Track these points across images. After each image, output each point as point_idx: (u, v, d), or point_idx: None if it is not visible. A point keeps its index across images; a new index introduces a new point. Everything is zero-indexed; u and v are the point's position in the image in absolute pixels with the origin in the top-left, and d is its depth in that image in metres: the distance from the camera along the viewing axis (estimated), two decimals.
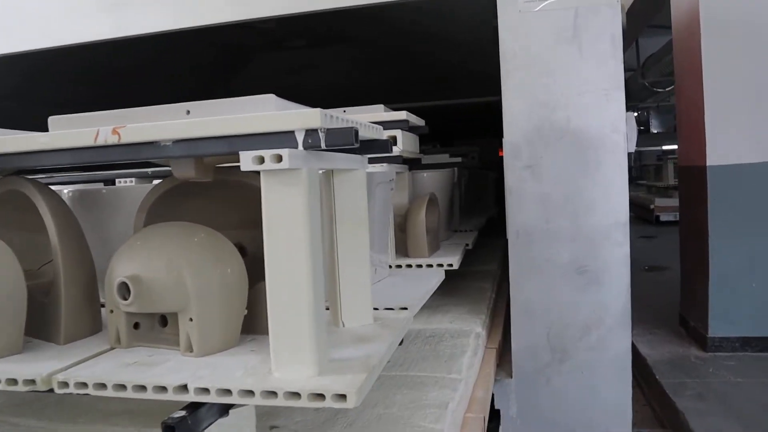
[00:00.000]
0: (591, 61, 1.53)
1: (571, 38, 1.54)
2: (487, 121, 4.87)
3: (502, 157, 1.63)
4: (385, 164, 1.65)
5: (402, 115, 1.71)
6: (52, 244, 1.02)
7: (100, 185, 1.95)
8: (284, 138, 0.80)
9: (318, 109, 0.78)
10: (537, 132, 1.57)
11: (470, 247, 2.16)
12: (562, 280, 1.60)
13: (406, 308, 1.29)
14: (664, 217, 7.93)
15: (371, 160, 1.57)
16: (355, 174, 1.05)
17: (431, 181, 2.08)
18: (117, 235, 1.18)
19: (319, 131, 0.79)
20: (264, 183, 0.80)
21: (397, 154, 1.72)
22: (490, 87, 3.31)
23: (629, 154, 1.57)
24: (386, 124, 1.72)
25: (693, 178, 2.96)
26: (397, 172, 1.84)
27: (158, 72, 2.43)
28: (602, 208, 1.56)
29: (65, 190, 1.39)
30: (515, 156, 1.59)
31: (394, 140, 1.73)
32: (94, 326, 1.08)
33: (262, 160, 0.78)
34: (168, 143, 0.85)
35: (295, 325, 0.81)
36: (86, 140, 0.86)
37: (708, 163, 2.79)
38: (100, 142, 0.86)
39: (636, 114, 13.28)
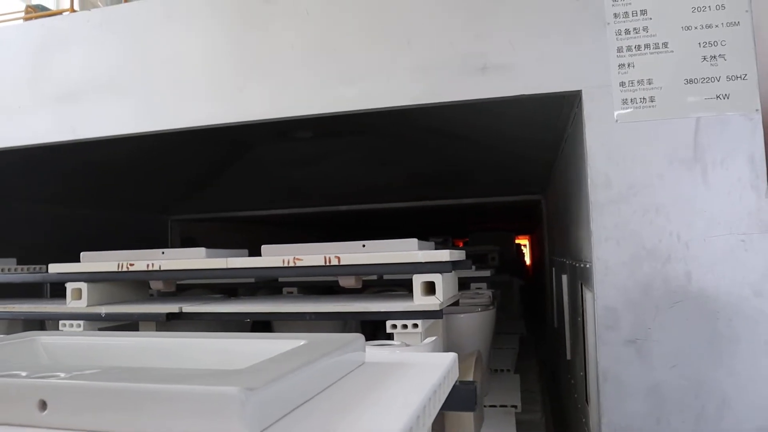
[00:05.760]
0: (720, 193, 1.07)
1: (692, 160, 1.08)
2: (505, 218, 4.43)
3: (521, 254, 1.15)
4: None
5: (443, 255, 1.24)
6: None
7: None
8: None
9: None
10: (643, 292, 1.09)
11: (519, 410, 1.64)
12: None
13: None
14: None
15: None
16: None
17: (469, 326, 1.58)
18: None
19: None
20: None
21: (435, 308, 1.24)
22: (513, 187, 2.88)
23: None
24: (422, 266, 1.26)
25: None
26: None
27: (147, 165, 2.02)
28: (740, 406, 1.06)
29: None
30: (611, 326, 1.10)
31: (431, 288, 1.27)
32: None
33: None
34: None
35: None
36: None
37: None
38: None
39: None
